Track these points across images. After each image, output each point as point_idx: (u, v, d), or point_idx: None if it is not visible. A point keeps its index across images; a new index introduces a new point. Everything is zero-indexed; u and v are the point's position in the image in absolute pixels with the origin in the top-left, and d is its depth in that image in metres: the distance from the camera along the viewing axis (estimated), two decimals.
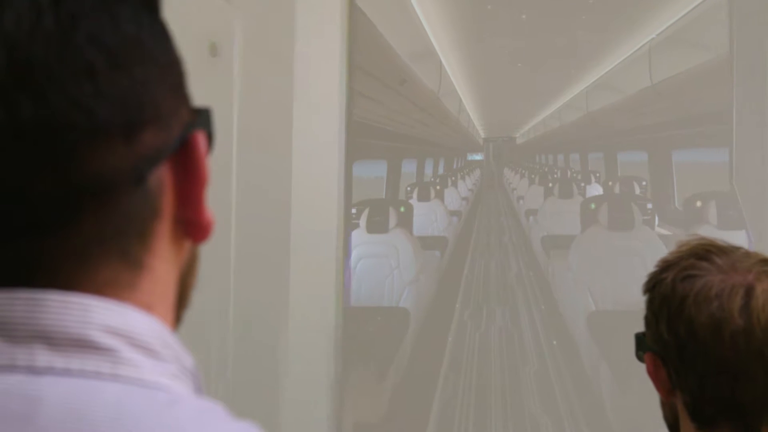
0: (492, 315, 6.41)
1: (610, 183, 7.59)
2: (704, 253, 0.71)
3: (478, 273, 8.31)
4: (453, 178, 11.19)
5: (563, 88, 8.42)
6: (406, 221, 4.78)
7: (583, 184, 8.11)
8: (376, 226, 4.59)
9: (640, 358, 0.76)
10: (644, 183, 7.08)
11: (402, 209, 4.75)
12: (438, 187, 7.89)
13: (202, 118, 0.37)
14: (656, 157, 7.01)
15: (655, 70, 4.61)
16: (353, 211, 4.88)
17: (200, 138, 0.37)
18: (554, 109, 10.71)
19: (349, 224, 2.40)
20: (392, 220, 4.63)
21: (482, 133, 21.28)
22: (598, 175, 10.32)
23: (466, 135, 10.75)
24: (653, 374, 0.74)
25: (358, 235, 4.63)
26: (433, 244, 6.35)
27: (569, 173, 12.83)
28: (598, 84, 7.14)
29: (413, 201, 7.76)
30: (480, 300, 6.99)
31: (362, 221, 4.65)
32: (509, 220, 14.58)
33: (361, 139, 5.34)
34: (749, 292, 0.66)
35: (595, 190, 9.08)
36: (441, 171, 14.39)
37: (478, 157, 28.11)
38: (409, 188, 7.97)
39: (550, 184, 7.79)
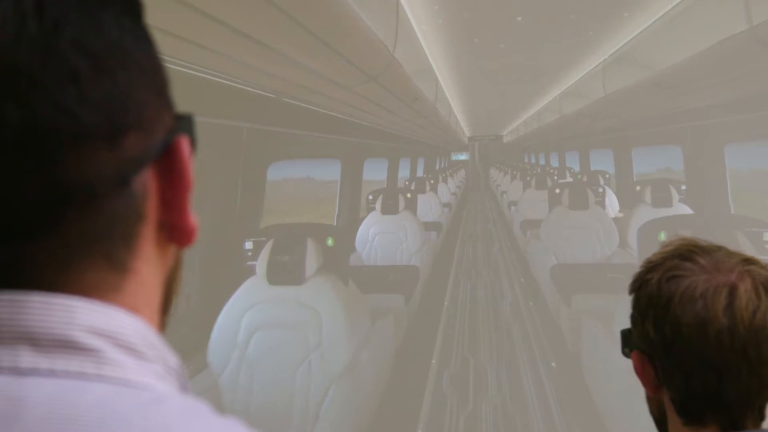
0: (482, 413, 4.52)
1: (638, 188, 5.70)
2: (688, 253, 0.72)
3: (461, 313, 6.38)
4: (432, 181, 9.25)
5: (564, 70, 6.56)
6: (337, 261, 2.82)
7: (601, 190, 6.22)
8: (283, 272, 2.65)
9: (626, 354, 0.78)
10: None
11: (330, 242, 2.80)
12: (409, 195, 5.95)
13: (185, 123, 0.38)
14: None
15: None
16: (247, 246, 2.95)
17: (183, 143, 0.37)
18: (552, 98, 8.85)
19: None
20: (312, 260, 2.68)
21: (467, 132, 19.40)
22: (608, 176, 8.46)
23: (448, 129, 8.87)
24: (640, 371, 0.75)
25: (252, 289, 2.68)
26: (396, 284, 4.38)
27: (572, 172, 11.01)
28: (616, 58, 5.29)
29: (375, 213, 5.85)
30: (464, 391, 5.09)
31: (260, 264, 2.70)
32: (498, 226, 12.71)
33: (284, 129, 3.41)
34: (732, 291, 0.67)
35: (611, 197, 7.21)
36: (420, 173, 12.53)
37: (462, 156, 26.34)
38: (371, 197, 6.04)
39: (557, 190, 5.86)
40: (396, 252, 5.69)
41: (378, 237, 5.74)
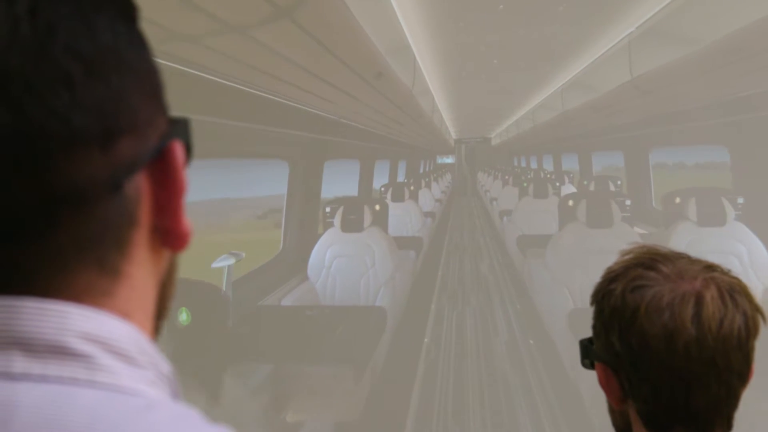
0: None
1: (678, 200, 4.40)
2: (650, 262, 0.71)
3: (445, 356, 5.04)
4: (412, 187, 7.91)
5: (574, 50, 5.28)
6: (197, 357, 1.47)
7: (628, 202, 4.91)
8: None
9: (586, 366, 0.77)
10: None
11: (185, 318, 1.43)
12: (378, 207, 4.61)
13: (179, 128, 0.38)
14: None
15: None
16: None
17: (177, 148, 0.37)
18: (552, 92, 7.57)
19: None
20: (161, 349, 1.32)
21: (453, 133, 18.06)
22: (619, 183, 7.19)
23: (432, 128, 7.56)
24: (604, 384, 0.74)
25: None
26: (348, 347, 2.99)
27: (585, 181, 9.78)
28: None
29: (334, 231, 4.51)
30: None
31: None
32: (487, 237, 11.43)
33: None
34: (699, 300, 0.66)
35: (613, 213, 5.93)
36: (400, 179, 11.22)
37: (448, 160, 25.08)
38: (329, 209, 4.71)
39: (569, 201, 4.52)
40: (359, 282, 4.34)
41: (336, 262, 4.40)
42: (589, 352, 0.76)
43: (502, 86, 7.01)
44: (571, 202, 4.32)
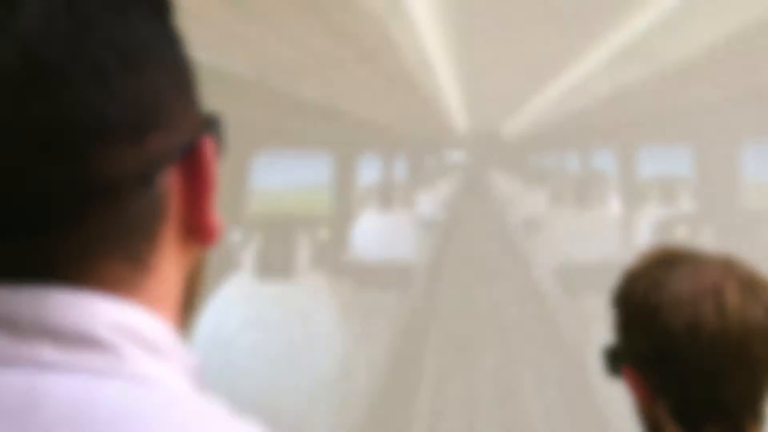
0: None
1: None
2: (670, 259, 0.72)
3: None
4: (404, 192, 5.86)
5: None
6: None
7: None
8: None
9: (610, 374, 0.77)
10: None
11: None
12: (324, 235, 2.59)
13: (211, 124, 0.38)
14: None
15: None
16: None
17: (208, 143, 0.37)
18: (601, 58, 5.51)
19: None
20: None
21: (461, 120, 15.59)
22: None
23: (430, 107, 5.51)
24: (633, 386, 0.74)
25: None
26: None
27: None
28: None
29: (244, 277, 2.52)
30: None
31: None
32: (500, 251, 9.43)
33: None
34: (720, 294, 0.68)
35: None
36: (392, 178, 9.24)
37: (455, 156, 23.07)
38: (237, 241, 2.71)
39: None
40: (281, 383, 2.33)
41: (243, 339, 2.39)
42: (611, 358, 0.76)
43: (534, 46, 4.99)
44: (682, 231, 2.29)
